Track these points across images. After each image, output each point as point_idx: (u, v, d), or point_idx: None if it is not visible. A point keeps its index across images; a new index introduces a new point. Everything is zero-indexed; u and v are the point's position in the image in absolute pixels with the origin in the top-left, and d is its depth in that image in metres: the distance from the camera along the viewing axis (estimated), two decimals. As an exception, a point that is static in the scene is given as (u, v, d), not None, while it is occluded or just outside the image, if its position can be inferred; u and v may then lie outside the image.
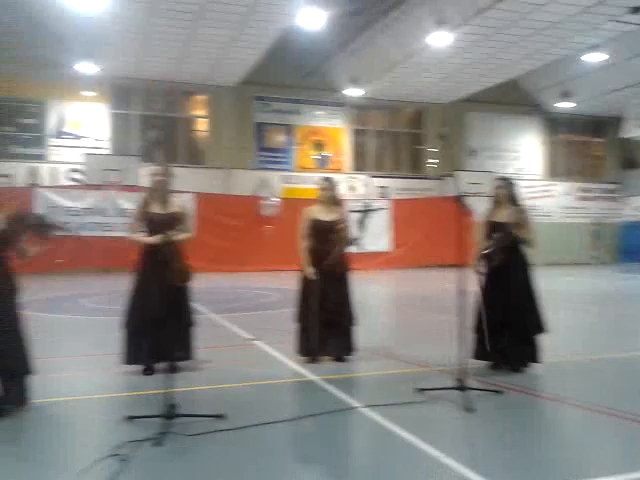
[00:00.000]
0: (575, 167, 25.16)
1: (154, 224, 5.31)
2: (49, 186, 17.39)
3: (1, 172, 16.82)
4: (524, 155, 24.03)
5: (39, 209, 15.05)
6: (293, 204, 15.43)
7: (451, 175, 21.19)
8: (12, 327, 4.20)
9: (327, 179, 6.06)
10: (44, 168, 18.01)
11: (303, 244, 5.84)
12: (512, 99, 22.55)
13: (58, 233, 4.38)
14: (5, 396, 4.13)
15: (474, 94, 21.10)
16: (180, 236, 5.35)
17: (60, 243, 4.42)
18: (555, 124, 24.42)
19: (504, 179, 5.76)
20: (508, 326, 5.36)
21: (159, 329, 5.01)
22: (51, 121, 18.29)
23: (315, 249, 5.80)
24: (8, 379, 4.14)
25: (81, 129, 18.55)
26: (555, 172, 24.59)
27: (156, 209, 5.37)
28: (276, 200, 18.72)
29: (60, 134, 18.35)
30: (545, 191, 23.79)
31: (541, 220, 20.74)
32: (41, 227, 4.39)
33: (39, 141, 18.21)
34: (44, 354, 4.43)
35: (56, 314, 9.39)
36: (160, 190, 5.39)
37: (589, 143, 25.59)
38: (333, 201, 5.92)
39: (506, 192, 5.55)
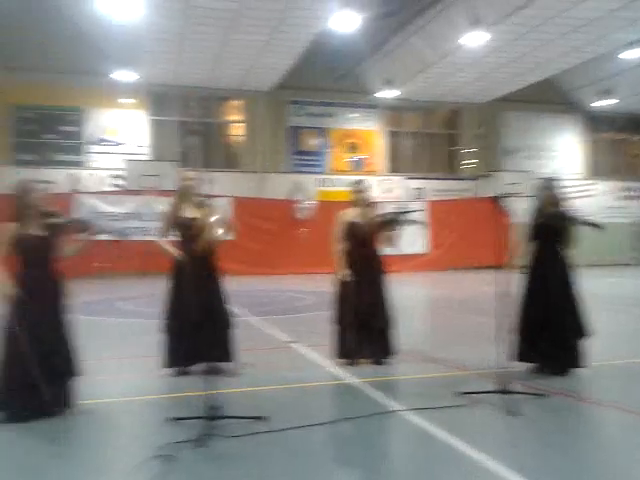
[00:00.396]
0: (616, 166, 24.58)
1: (185, 228, 5.39)
2: (89, 192, 17.79)
3: (43, 179, 17.27)
4: (562, 154, 23.59)
5: (79, 214, 15.42)
6: (327, 207, 15.46)
7: (488, 175, 20.96)
8: (61, 330, 4.32)
9: (359, 182, 6.10)
10: (84, 174, 18.41)
11: (338, 247, 5.86)
12: (549, 98, 22.15)
13: (93, 232, 4.47)
14: (52, 397, 4.23)
15: (510, 93, 20.81)
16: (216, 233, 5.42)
17: (101, 247, 4.54)
18: (594, 122, 23.90)
19: (548, 180, 5.67)
20: (548, 328, 5.27)
21: (197, 332, 5.07)
22: (91, 128, 18.70)
23: (350, 252, 5.82)
24: (56, 381, 4.25)
25: (120, 136, 18.92)
26: (595, 171, 24.06)
27: (186, 213, 5.44)
28: (310, 203, 18.78)
29: (100, 141, 18.75)
30: (585, 191, 23.29)
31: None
32: (76, 226, 4.51)
33: (79, 148, 18.63)
34: (85, 356, 4.53)
35: (96, 317, 9.58)
36: (190, 194, 5.47)
37: (630, 141, 24.97)
38: (366, 203, 5.93)
39: (550, 193, 5.47)
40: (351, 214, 5.90)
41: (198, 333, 5.05)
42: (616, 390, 5.05)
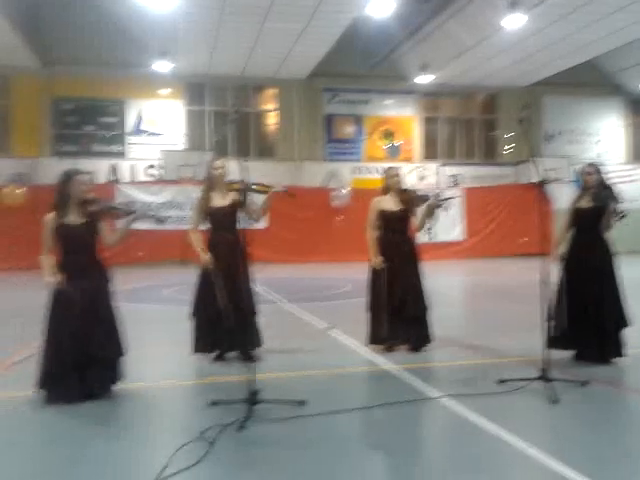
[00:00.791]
0: (661, 150, 23.79)
1: (216, 216, 5.46)
2: (129, 182, 18.12)
3: (85, 169, 17.64)
4: (605, 139, 22.95)
5: (118, 202, 15.72)
6: (363, 195, 15.39)
7: (528, 161, 20.54)
8: (103, 314, 4.43)
9: (391, 169, 6.09)
10: (124, 165, 18.73)
11: (371, 234, 5.86)
12: (592, 80, 21.53)
13: (133, 218, 4.54)
14: (95, 380, 4.35)
15: (551, 76, 20.30)
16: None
17: (140, 236, 4.63)
18: (639, 105, 23.15)
19: (594, 165, 5.52)
20: (587, 316, 5.16)
21: (226, 319, 5.15)
22: (130, 119, 18.99)
23: (383, 239, 5.82)
24: (99, 364, 4.36)
25: (158, 126, 19.16)
26: (639, 155, 23.35)
27: (216, 201, 5.49)
28: (346, 191, 18.74)
29: (139, 131, 19.03)
30: (628, 176, 22.63)
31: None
32: (116, 212, 4.60)
33: (119, 139, 18.94)
34: (127, 342, 4.62)
35: (137, 304, 9.77)
36: (219, 183, 5.52)
37: (676, 124, 24.11)
38: (399, 190, 5.89)
39: (596, 178, 5.34)
40: (383, 201, 5.89)
41: (228, 320, 5.14)
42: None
